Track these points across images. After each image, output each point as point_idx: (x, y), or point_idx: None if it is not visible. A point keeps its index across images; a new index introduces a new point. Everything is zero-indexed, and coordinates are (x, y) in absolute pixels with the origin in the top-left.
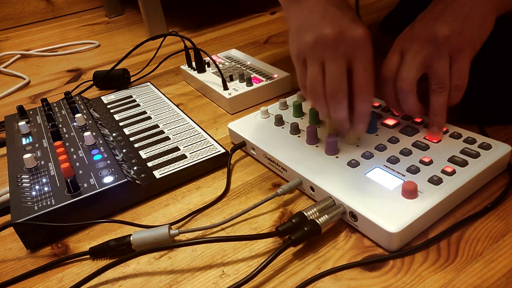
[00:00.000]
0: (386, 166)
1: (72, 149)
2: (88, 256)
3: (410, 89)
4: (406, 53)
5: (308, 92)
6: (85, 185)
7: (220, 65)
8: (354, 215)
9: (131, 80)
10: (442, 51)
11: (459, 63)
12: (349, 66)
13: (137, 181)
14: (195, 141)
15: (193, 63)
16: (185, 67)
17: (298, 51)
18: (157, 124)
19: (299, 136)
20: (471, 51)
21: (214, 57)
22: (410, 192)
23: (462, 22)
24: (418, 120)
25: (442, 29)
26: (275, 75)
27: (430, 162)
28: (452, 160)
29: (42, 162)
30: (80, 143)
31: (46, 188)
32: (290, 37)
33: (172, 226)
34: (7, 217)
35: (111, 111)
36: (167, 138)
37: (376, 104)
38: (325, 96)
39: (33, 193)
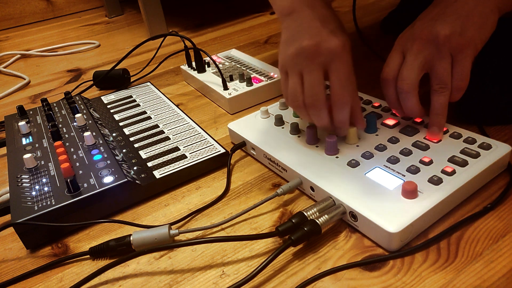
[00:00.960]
0: (386, 166)
1: (72, 149)
2: (88, 256)
3: (411, 90)
4: (407, 53)
5: (290, 101)
6: (85, 185)
7: (220, 65)
8: (354, 215)
9: (131, 80)
10: (443, 51)
11: (461, 63)
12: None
13: (137, 181)
14: (195, 141)
15: (193, 63)
16: (185, 67)
17: (282, 63)
18: (157, 124)
19: (299, 136)
20: (472, 51)
21: (214, 57)
22: (410, 192)
23: (463, 22)
24: (418, 120)
25: (442, 29)
26: (275, 75)
27: (430, 162)
28: (452, 160)
29: (42, 162)
30: (80, 143)
31: (46, 188)
32: (278, 49)
33: (172, 226)
34: (7, 217)
35: (111, 111)
36: (167, 138)
37: (376, 104)
38: (305, 105)
39: (33, 193)
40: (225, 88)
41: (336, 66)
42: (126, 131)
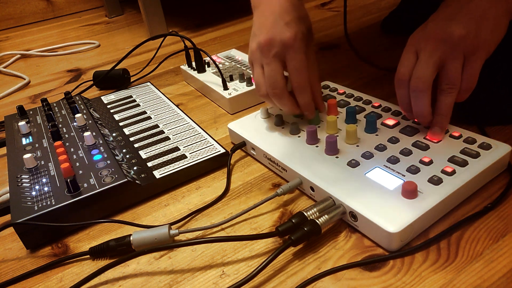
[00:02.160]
0: (386, 166)
1: (72, 149)
2: (88, 256)
3: (425, 89)
4: (421, 53)
5: (256, 91)
6: (85, 185)
7: (220, 65)
8: (354, 215)
9: (131, 80)
10: (457, 51)
11: (472, 64)
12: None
13: (137, 181)
14: (195, 141)
15: (193, 63)
16: (185, 67)
17: (249, 57)
18: (157, 124)
19: (299, 136)
20: (485, 53)
21: (214, 57)
22: (410, 192)
23: (477, 23)
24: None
25: (457, 29)
26: None
27: (430, 162)
28: (452, 160)
29: (42, 162)
30: (80, 143)
31: (46, 188)
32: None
33: (172, 226)
34: (7, 217)
35: (111, 111)
36: (167, 138)
37: (376, 104)
38: (268, 94)
39: (33, 193)
40: (225, 88)
41: (290, 56)
42: (126, 131)
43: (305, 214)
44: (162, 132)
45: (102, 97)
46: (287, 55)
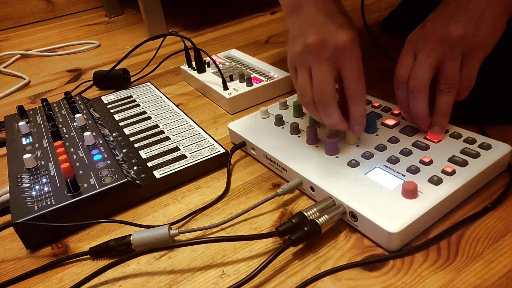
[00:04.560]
0: (386, 166)
1: (72, 149)
2: (88, 256)
3: (423, 89)
4: (419, 53)
5: (299, 98)
6: (85, 185)
7: (220, 65)
8: (354, 215)
9: (131, 80)
10: (455, 51)
11: (471, 64)
12: (338, 72)
13: (137, 181)
14: (195, 141)
15: (193, 63)
16: (185, 67)
17: (291, 61)
18: (157, 124)
19: (299, 136)
20: (483, 52)
21: (214, 57)
22: (410, 192)
23: (476, 22)
24: None
25: (456, 29)
26: (275, 75)
27: (430, 162)
28: (452, 160)
29: (42, 162)
30: (80, 143)
31: (46, 188)
32: (287, 47)
33: (172, 226)
34: (7, 217)
35: (111, 111)
36: (167, 138)
37: (376, 104)
38: (314, 101)
39: (33, 193)
40: (225, 88)
41: (346, 60)
42: (126, 131)
43: (305, 214)
44: (162, 132)
45: (102, 97)
46: (343, 60)
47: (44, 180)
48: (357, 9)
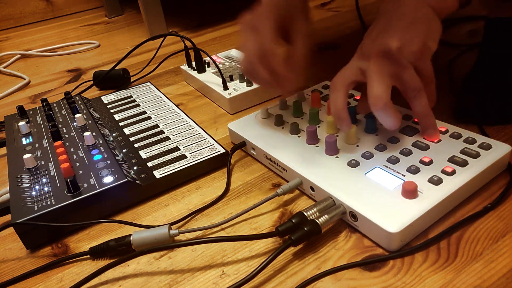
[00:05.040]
0: (386, 166)
1: (72, 149)
2: (88, 256)
3: (387, 106)
4: (368, 71)
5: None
6: (85, 185)
7: (220, 65)
8: (354, 215)
9: (131, 80)
10: (402, 62)
11: (422, 66)
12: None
13: (137, 181)
14: (195, 141)
15: (193, 63)
16: (185, 67)
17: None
18: (157, 124)
19: (299, 136)
20: (428, 53)
21: (214, 57)
22: (410, 192)
23: (409, 30)
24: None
25: (392, 42)
26: None
27: (430, 162)
28: (452, 160)
29: (42, 162)
30: (80, 143)
31: (46, 188)
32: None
33: (172, 226)
34: (7, 217)
35: (111, 111)
36: (167, 138)
37: None
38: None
39: (33, 193)
40: (225, 88)
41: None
42: (126, 131)
43: (305, 214)
44: (162, 132)
45: (102, 97)
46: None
47: (44, 180)
48: (356, 9)
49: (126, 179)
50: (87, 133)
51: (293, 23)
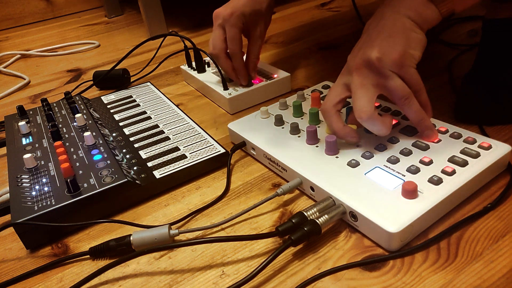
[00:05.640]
0: (386, 166)
1: (72, 149)
2: (88, 256)
3: (372, 117)
4: (352, 85)
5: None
6: (85, 185)
7: None
8: (354, 215)
9: (131, 80)
10: (384, 72)
11: (406, 75)
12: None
13: (137, 181)
14: (195, 141)
15: (193, 63)
16: (185, 67)
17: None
18: (157, 124)
19: (299, 136)
20: (410, 61)
21: None
22: (410, 192)
23: (388, 42)
24: None
25: (372, 53)
26: (275, 75)
27: (430, 162)
28: (452, 160)
29: (42, 162)
30: (80, 143)
31: (46, 188)
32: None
33: (172, 226)
34: (7, 217)
35: (111, 111)
36: (167, 138)
37: (377, 104)
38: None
39: (33, 193)
40: (225, 88)
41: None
42: (126, 131)
43: (305, 214)
44: (162, 132)
45: (102, 97)
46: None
47: (44, 180)
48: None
49: (126, 179)
50: (87, 133)
51: (254, 28)
